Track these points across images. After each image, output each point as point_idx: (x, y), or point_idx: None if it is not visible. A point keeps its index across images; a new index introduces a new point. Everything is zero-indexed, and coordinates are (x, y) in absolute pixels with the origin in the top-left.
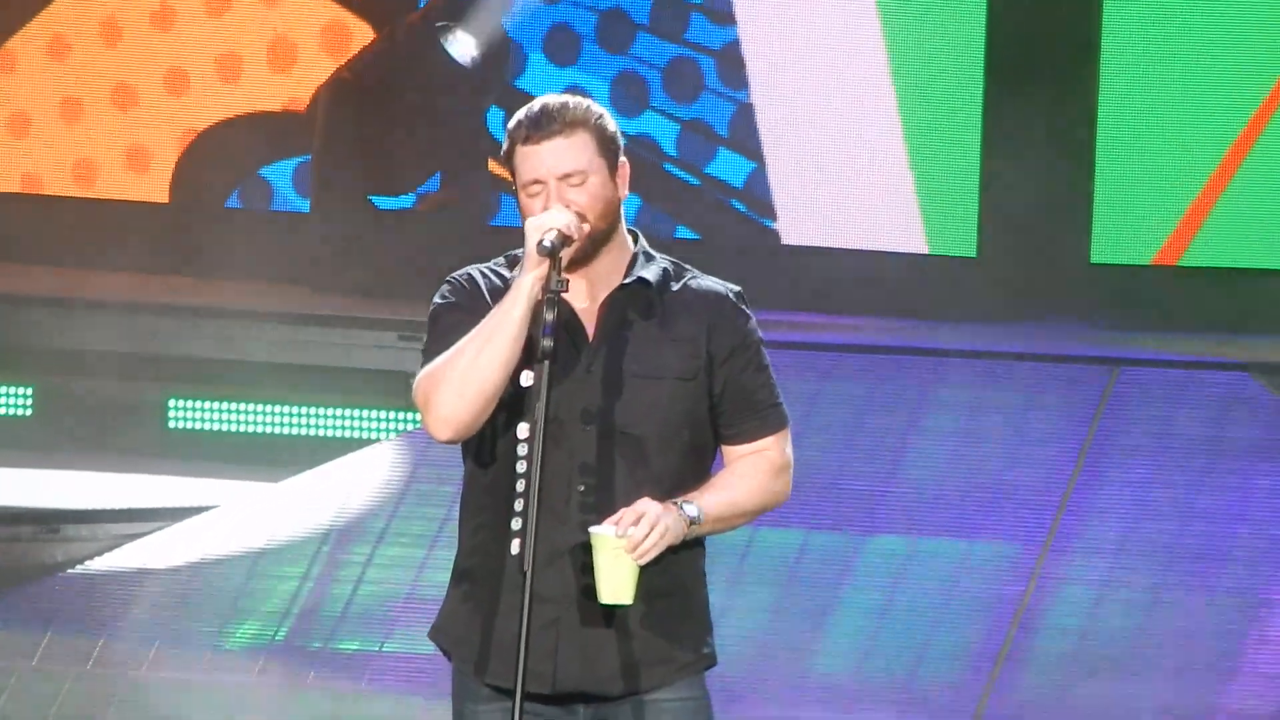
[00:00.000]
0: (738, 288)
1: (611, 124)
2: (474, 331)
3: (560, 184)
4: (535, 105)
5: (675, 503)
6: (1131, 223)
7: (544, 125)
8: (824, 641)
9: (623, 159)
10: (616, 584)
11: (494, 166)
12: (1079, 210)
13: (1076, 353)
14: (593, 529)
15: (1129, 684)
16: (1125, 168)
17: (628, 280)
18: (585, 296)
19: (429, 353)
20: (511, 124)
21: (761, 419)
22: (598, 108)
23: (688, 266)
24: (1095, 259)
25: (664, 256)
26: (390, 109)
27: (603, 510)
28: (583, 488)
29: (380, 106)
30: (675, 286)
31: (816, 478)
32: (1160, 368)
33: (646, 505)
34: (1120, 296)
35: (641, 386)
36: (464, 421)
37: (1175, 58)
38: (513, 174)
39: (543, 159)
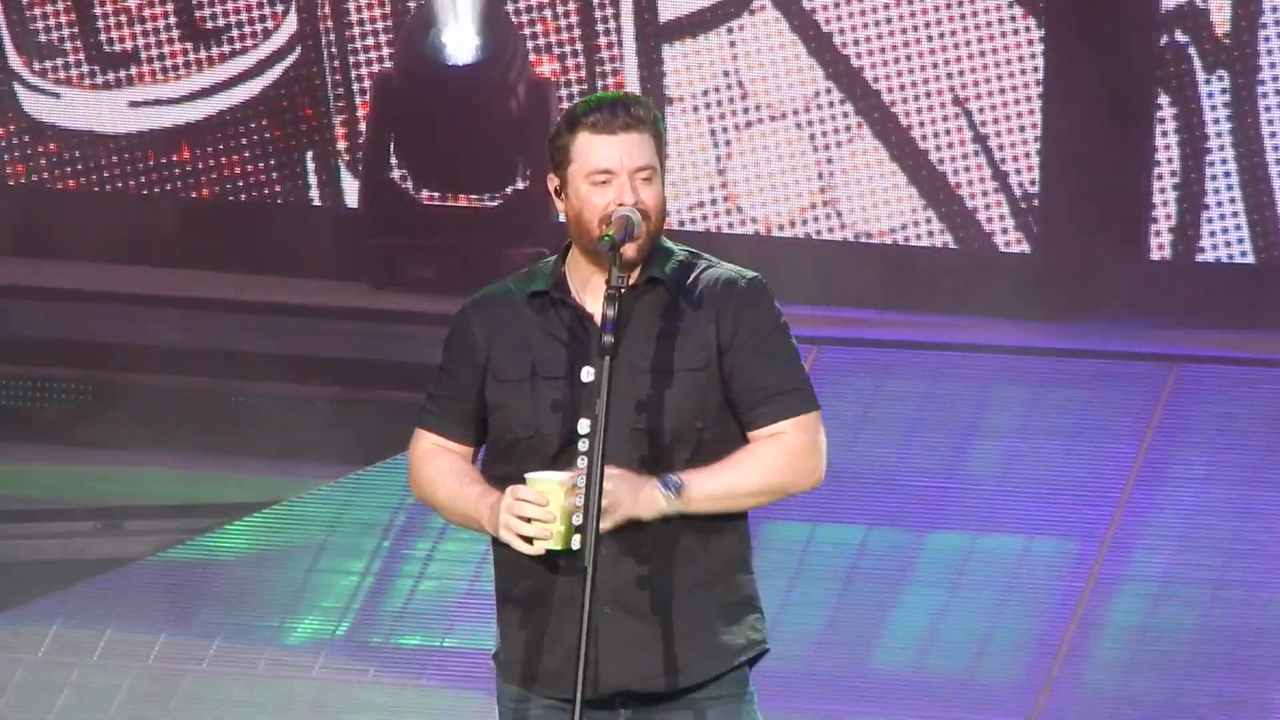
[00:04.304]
0: (753, 274)
1: (664, 130)
2: (453, 500)
3: (633, 176)
4: (605, 95)
5: (658, 476)
6: (1190, 219)
7: (620, 115)
8: (883, 637)
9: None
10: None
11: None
12: (1139, 207)
13: (1135, 349)
14: (529, 475)
15: (1189, 680)
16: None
17: (637, 282)
18: (598, 298)
19: (432, 389)
20: (577, 108)
21: (776, 404)
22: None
23: (705, 256)
24: (1155, 255)
25: (682, 248)
26: (436, 105)
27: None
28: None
29: (424, 103)
30: (689, 279)
31: (876, 474)
32: (1219, 364)
33: (612, 469)
34: (1180, 293)
35: (650, 382)
36: None
37: None
38: (564, 158)
39: (617, 149)
